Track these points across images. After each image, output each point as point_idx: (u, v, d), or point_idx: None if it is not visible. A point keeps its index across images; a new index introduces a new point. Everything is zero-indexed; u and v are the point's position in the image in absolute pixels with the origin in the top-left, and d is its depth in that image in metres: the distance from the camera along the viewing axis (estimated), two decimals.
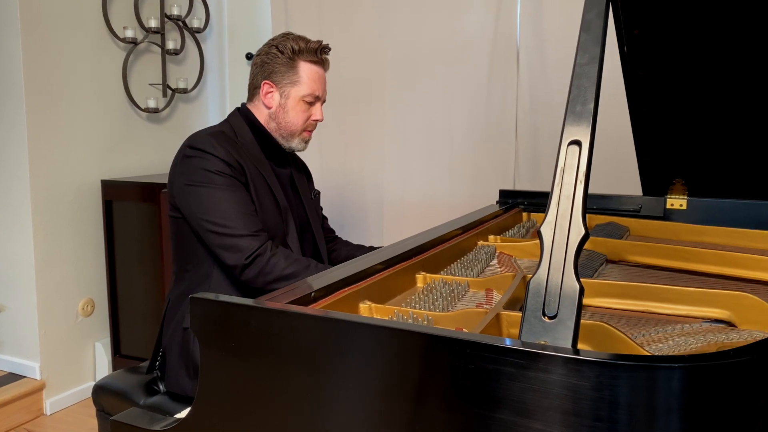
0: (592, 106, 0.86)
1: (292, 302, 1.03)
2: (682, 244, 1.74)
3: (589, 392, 0.71)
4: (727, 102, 1.67)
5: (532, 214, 2.28)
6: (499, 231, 1.99)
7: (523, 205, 2.32)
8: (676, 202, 2.04)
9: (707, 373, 0.73)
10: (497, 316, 1.07)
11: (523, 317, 0.78)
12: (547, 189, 2.45)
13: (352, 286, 1.21)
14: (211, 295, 0.91)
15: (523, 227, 2.10)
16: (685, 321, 1.21)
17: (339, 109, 3.36)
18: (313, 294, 1.09)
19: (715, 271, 1.51)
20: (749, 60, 1.54)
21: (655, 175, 2.00)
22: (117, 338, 3.24)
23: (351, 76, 3.31)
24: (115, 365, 3.21)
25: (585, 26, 0.91)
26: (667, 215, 2.06)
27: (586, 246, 1.52)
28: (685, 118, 1.75)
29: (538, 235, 0.81)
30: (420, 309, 1.21)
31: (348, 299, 1.18)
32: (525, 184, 3.13)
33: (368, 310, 1.20)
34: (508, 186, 3.09)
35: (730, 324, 1.19)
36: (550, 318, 0.77)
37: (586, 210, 0.81)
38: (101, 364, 3.22)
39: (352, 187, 3.55)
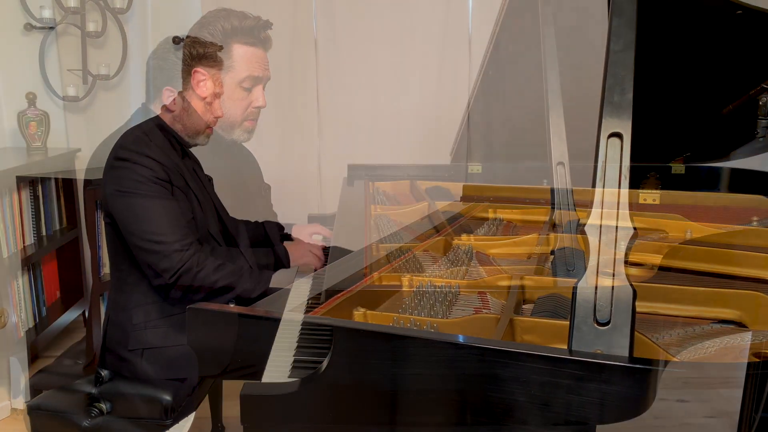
0: (631, 95, 0.84)
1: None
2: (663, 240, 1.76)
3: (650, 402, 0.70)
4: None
5: (498, 210, 2.28)
6: (470, 229, 1.98)
7: (488, 200, 2.31)
8: (650, 196, 2.08)
9: None
10: (511, 322, 1.05)
11: (571, 325, 0.76)
12: (505, 183, 2.46)
13: (343, 293, 1.18)
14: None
15: (493, 224, 2.09)
16: (693, 322, 1.21)
17: (271, 95, 3.27)
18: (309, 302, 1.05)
19: (706, 269, 1.53)
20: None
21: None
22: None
23: (284, 58, 3.23)
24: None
25: (617, 10, 0.89)
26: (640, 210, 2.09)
27: (567, 244, 1.53)
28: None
29: (583, 235, 0.79)
30: (417, 315, 1.18)
31: (341, 307, 1.14)
32: (479, 178, 3.13)
33: (363, 318, 1.16)
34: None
35: (740, 324, 1.21)
36: (602, 325, 0.75)
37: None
38: (17, 382, 3.05)
39: (292, 180, 3.48)
